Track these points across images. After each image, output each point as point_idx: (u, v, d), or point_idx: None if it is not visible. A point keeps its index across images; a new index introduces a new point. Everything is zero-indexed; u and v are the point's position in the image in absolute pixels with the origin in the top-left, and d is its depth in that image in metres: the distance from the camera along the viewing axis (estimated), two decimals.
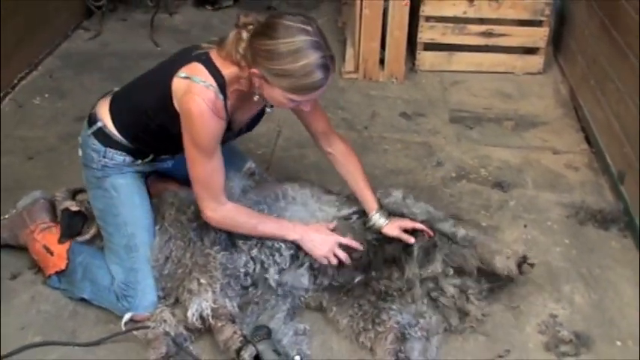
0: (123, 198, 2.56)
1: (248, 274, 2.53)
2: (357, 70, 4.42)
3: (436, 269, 2.58)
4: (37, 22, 4.43)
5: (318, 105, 2.63)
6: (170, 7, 5.45)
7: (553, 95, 4.33)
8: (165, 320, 2.44)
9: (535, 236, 3.08)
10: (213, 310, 2.39)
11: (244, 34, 2.29)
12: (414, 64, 4.58)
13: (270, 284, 2.55)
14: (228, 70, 2.34)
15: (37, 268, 2.76)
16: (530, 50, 4.56)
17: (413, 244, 2.59)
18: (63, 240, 2.71)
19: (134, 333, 2.47)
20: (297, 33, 2.19)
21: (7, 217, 2.84)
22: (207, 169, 2.40)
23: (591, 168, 3.59)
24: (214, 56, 2.37)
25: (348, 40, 4.68)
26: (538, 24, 4.47)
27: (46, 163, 3.50)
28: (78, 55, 4.70)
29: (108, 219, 2.58)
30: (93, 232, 2.72)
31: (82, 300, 2.63)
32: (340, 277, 2.59)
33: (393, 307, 2.48)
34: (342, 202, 2.76)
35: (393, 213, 2.69)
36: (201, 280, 2.43)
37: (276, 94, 2.29)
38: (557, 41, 4.70)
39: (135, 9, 5.44)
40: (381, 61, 4.42)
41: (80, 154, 2.64)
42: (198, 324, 2.41)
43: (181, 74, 2.34)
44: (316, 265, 2.58)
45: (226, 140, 2.49)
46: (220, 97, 2.33)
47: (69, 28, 4.98)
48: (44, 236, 2.73)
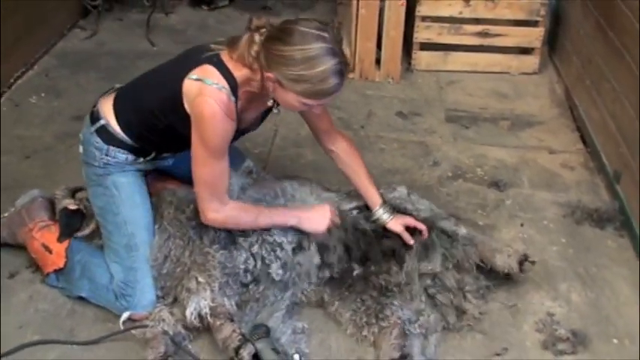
0: (124, 197, 2.56)
1: (248, 270, 2.53)
2: (353, 70, 4.43)
3: (435, 266, 2.59)
4: (34, 22, 4.42)
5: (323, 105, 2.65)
6: (166, 6, 5.46)
7: (548, 95, 4.35)
8: (164, 319, 2.44)
9: (532, 235, 3.09)
10: (211, 309, 2.39)
11: (257, 37, 2.31)
12: (410, 63, 4.59)
13: (274, 278, 2.55)
14: (240, 73, 2.35)
15: (35, 266, 2.76)
16: (526, 50, 4.58)
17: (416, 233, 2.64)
18: (62, 239, 2.70)
19: (132, 332, 2.47)
20: (314, 40, 2.21)
21: (6, 215, 2.84)
22: (215, 170, 2.40)
23: (587, 167, 3.61)
24: (226, 58, 2.37)
25: (344, 40, 4.65)
26: (534, 24, 4.50)
27: (43, 162, 3.49)
28: (74, 55, 4.69)
29: (108, 217, 2.58)
30: (92, 227, 2.72)
31: (80, 298, 2.63)
32: (339, 265, 2.60)
33: (394, 302, 2.49)
34: (341, 199, 2.78)
35: (396, 208, 2.72)
36: (200, 279, 2.43)
37: (290, 98, 2.31)
38: (553, 41, 4.72)
39: (131, 8, 5.43)
40: (377, 61, 4.43)
41: (81, 151, 2.63)
42: (196, 322, 2.41)
43: (193, 76, 2.34)
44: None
45: (231, 141, 2.50)
46: (232, 98, 2.34)
47: (65, 27, 4.97)
48: (43, 234, 2.73)
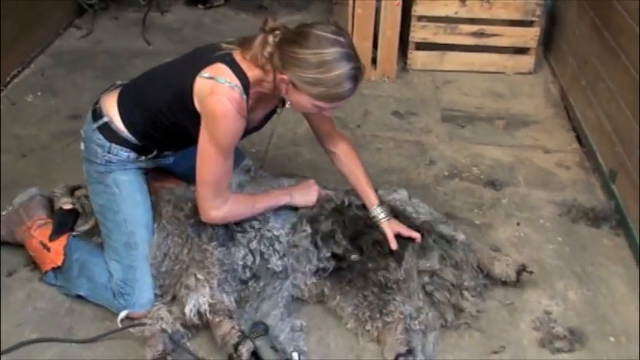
0: (124, 195, 2.56)
1: (247, 266, 2.54)
2: None
3: (434, 264, 2.60)
4: (30, 21, 4.42)
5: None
6: (162, 5, 5.46)
7: (544, 95, 4.36)
8: (162, 317, 2.44)
9: (528, 234, 3.10)
10: (210, 306, 2.40)
11: (271, 38, 2.32)
12: (405, 63, 4.60)
13: (274, 270, 2.57)
14: (252, 73, 2.37)
15: (33, 264, 2.76)
16: (521, 50, 4.59)
17: (410, 240, 2.64)
18: (53, 237, 2.71)
19: (131, 330, 2.46)
20: (330, 44, 2.23)
21: (4, 214, 2.84)
22: (221, 168, 2.41)
23: (582, 167, 3.63)
24: (238, 58, 2.38)
25: None
26: (529, 24, 4.51)
27: (40, 161, 3.49)
28: (70, 54, 4.69)
29: (108, 215, 2.58)
30: (92, 223, 2.73)
31: (79, 297, 2.63)
32: (334, 244, 2.63)
33: (396, 297, 2.50)
34: (337, 194, 2.79)
35: (397, 209, 2.74)
36: (199, 276, 2.44)
37: (304, 100, 2.33)
38: (548, 41, 4.74)
39: (127, 7, 5.43)
40: (374, 61, 4.44)
41: (82, 148, 2.63)
42: (195, 320, 2.42)
43: (205, 74, 2.35)
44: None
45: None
46: (244, 97, 2.35)
47: (61, 26, 4.97)
48: (41, 232, 2.73)
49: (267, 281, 2.57)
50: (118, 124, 2.53)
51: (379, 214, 2.67)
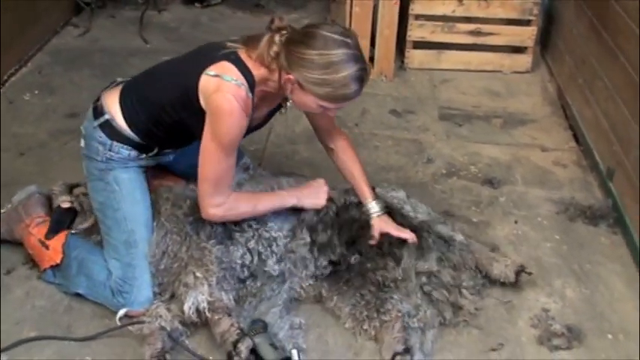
0: (125, 193, 2.56)
1: (245, 265, 2.54)
2: None
3: (432, 266, 2.60)
4: (27, 19, 4.41)
5: None
6: (159, 4, 5.46)
7: (541, 94, 4.37)
8: (161, 315, 2.44)
9: (526, 232, 3.11)
10: (209, 303, 2.40)
11: (277, 37, 2.32)
12: (403, 62, 4.61)
13: (271, 274, 2.57)
14: (258, 71, 2.37)
15: (32, 262, 2.76)
16: (518, 49, 4.61)
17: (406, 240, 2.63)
18: (50, 236, 2.71)
19: (130, 328, 2.46)
20: (337, 45, 2.23)
21: (3, 211, 2.84)
22: (224, 166, 2.40)
23: (579, 165, 3.64)
24: (244, 56, 2.38)
25: None
26: (526, 23, 4.53)
27: (37, 159, 3.49)
28: (67, 52, 4.68)
29: (108, 212, 2.58)
30: (91, 221, 2.72)
31: (77, 295, 2.63)
32: (332, 248, 2.63)
33: (394, 296, 2.50)
34: (338, 195, 2.78)
35: (394, 207, 2.74)
36: (198, 274, 2.43)
37: (309, 100, 2.33)
38: (545, 40, 4.75)
39: (124, 6, 5.43)
40: (371, 59, 4.44)
41: (82, 145, 2.62)
42: (194, 317, 2.41)
43: (210, 72, 2.34)
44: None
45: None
46: (250, 95, 2.35)
47: (58, 24, 4.96)
48: (40, 230, 2.73)
49: (265, 282, 2.58)
50: (119, 121, 2.52)
51: (372, 208, 2.67)
